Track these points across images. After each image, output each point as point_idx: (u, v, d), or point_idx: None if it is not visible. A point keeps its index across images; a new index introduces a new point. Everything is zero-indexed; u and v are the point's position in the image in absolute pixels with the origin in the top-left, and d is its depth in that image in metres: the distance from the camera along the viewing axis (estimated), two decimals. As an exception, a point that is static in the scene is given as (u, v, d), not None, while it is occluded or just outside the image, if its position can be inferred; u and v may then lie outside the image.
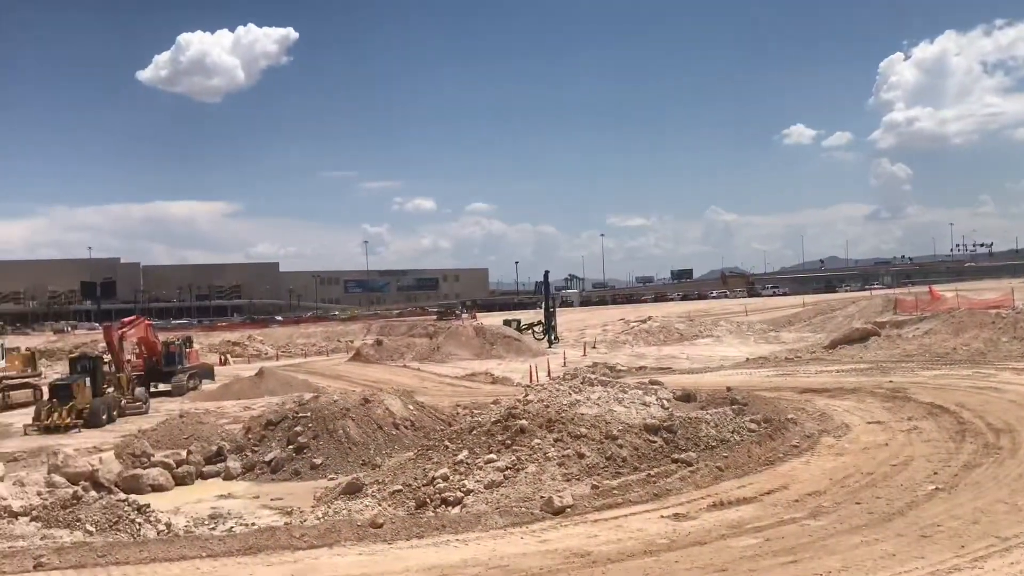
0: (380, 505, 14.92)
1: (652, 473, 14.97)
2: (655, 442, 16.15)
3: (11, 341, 56.05)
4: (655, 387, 20.30)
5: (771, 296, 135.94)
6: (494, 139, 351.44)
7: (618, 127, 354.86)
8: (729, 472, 15.10)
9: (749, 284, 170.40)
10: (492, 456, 15.67)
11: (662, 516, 12.66)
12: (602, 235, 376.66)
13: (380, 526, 12.52)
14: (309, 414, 22.11)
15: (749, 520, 12.19)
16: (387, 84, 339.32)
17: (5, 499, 14.69)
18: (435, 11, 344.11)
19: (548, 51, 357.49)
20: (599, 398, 17.88)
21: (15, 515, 14.08)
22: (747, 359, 41.95)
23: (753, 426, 17.66)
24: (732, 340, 56.75)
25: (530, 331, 68.18)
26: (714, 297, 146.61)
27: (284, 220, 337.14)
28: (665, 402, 18.74)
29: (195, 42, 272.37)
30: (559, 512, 13.00)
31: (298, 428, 21.66)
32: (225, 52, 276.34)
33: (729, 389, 22.65)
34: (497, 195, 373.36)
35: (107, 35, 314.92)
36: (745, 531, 11.65)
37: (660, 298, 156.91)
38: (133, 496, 15.97)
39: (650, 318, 69.31)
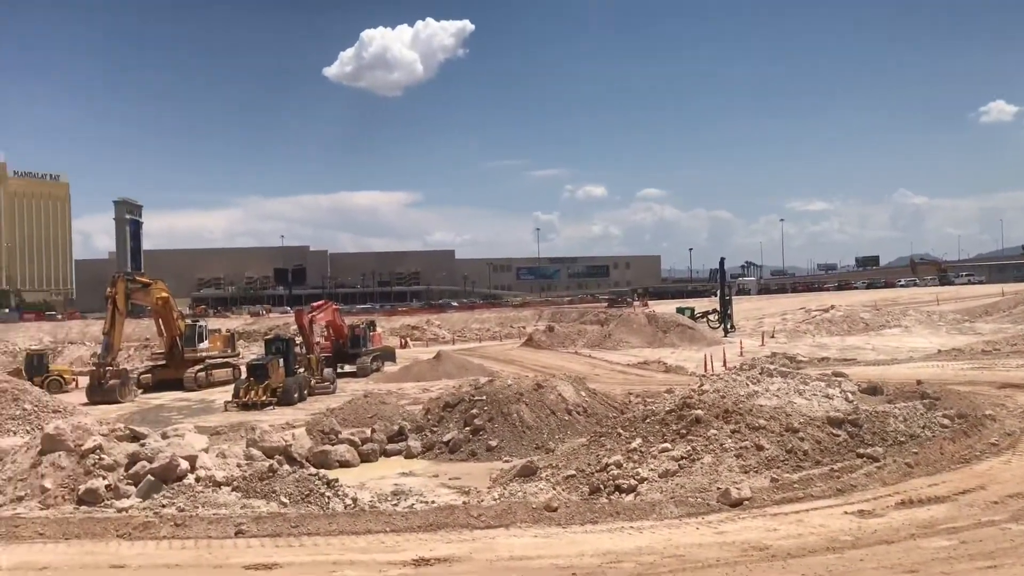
0: (554, 489, 15.08)
1: (835, 468, 14.40)
2: (839, 436, 15.51)
3: (212, 323, 60.17)
4: (839, 379, 19.46)
5: (966, 284, 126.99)
6: (666, 123, 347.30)
7: (798, 106, 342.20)
8: (919, 469, 14.30)
9: (941, 271, 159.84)
10: (666, 445, 15.52)
11: (846, 512, 12.16)
12: (781, 220, 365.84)
13: (555, 510, 12.67)
14: (484, 397, 22.62)
15: (942, 520, 11.50)
16: (559, 72, 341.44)
17: (209, 470, 15.86)
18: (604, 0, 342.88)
19: (720, 31, 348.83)
20: (779, 389, 17.33)
21: (218, 485, 15.18)
22: (939, 351, 39.60)
23: (946, 422, 16.64)
24: (922, 331, 53.63)
25: (705, 319, 66.94)
26: (902, 285, 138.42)
27: (460, 208, 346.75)
28: (849, 395, 17.94)
29: (377, 38, 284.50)
30: (736, 504, 12.74)
31: (474, 411, 22.21)
32: (405, 47, 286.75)
33: (919, 382, 21.41)
34: (670, 180, 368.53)
35: (298, 35, 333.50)
36: (938, 532, 11.00)
37: (844, 286, 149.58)
38: (323, 471, 16.85)
39: (833, 307, 66.54)
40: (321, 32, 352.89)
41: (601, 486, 14.70)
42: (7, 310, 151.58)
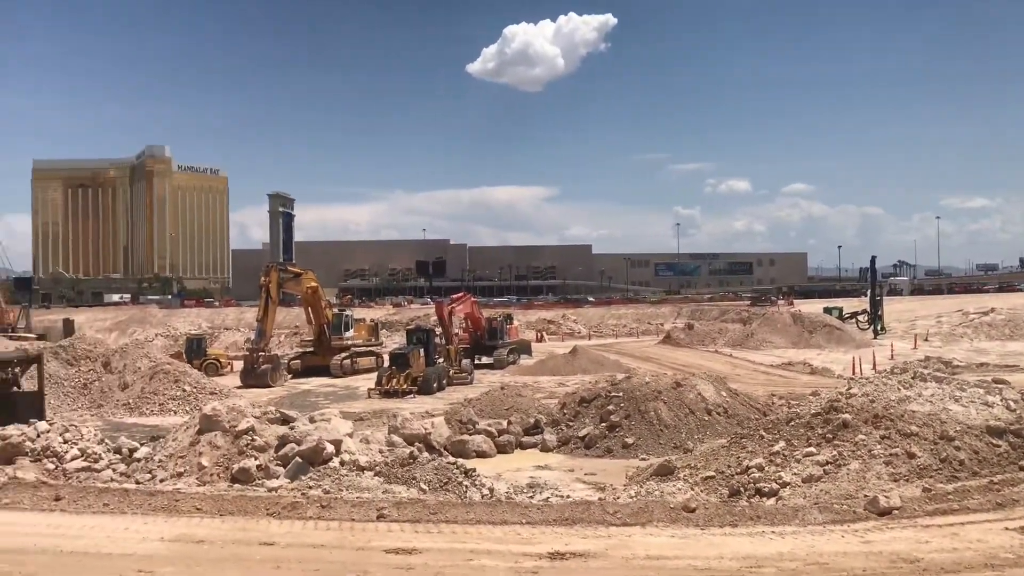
0: (692, 489, 14.83)
1: (995, 480, 13.53)
2: (999, 446, 14.58)
3: (357, 313, 62.19)
4: (1000, 386, 18.28)
5: None
6: (814, 115, 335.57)
7: (957, 95, 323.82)
8: (1092, 487, 13.27)
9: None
10: (811, 449, 14.99)
11: (1007, 528, 11.40)
12: (937, 218, 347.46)
13: (693, 510, 12.45)
14: (621, 394, 22.48)
15: (1118, 543, 10.64)
16: (702, 64, 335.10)
17: (353, 454, 16.39)
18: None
19: (869, 17, 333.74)
20: (932, 395, 16.44)
21: (361, 469, 15.67)
22: (1115, 360, 36.77)
23: (1124, 437, 15.37)
24: (1095, 337, 49.93)
25: (853, 320, 64.44)
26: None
27: (597, 203, 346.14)
28: (1012, 403, 16.81)
29: (520, 33, 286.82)
30: (885, 513, 12.16)
31: (610, 407, 22.10)
32: (547, 42, 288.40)
33: (1093, 393, 19.87)
34: (817, 174, 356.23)
35: (442, 33, 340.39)
36: (1113, 555, 10.18)
37: (1006, 288, 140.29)
38: (460, 460, 17.15)
39: (993, 310, 62.74)
40: (465, 29, 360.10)
41: (741, 489, 14.36)
42: (170, 296, 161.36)
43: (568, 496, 15.55)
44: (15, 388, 25.74)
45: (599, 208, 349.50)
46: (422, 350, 36.54)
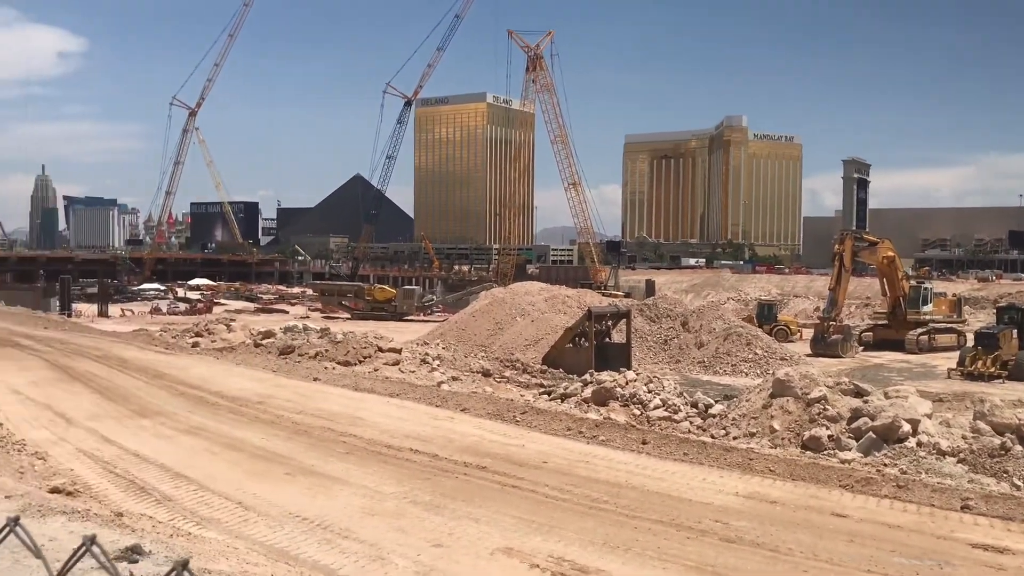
0: None
1: None
2: None
3: (936, 286, 57.89)
4: None
5: None
6: None
7: None
8: None
9: None
10: None
11: None
12: None
13: None
14: None
15: None
16: None
17: (932, 437, 15.37)
18: None
19: None
20: None
21: (942, 454, 14.64)
22: None
23: None
24: None
25: None
26: None
27: None
28: None
29: None
30: None
31: None
32: None
33: None
34: None
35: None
36: None
37: None
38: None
39: None
40: None
41: None
42: (741, 262, 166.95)
43: None
44: (607, 339, 29.09)
45: None
46: (1015, 331, 32.76)
